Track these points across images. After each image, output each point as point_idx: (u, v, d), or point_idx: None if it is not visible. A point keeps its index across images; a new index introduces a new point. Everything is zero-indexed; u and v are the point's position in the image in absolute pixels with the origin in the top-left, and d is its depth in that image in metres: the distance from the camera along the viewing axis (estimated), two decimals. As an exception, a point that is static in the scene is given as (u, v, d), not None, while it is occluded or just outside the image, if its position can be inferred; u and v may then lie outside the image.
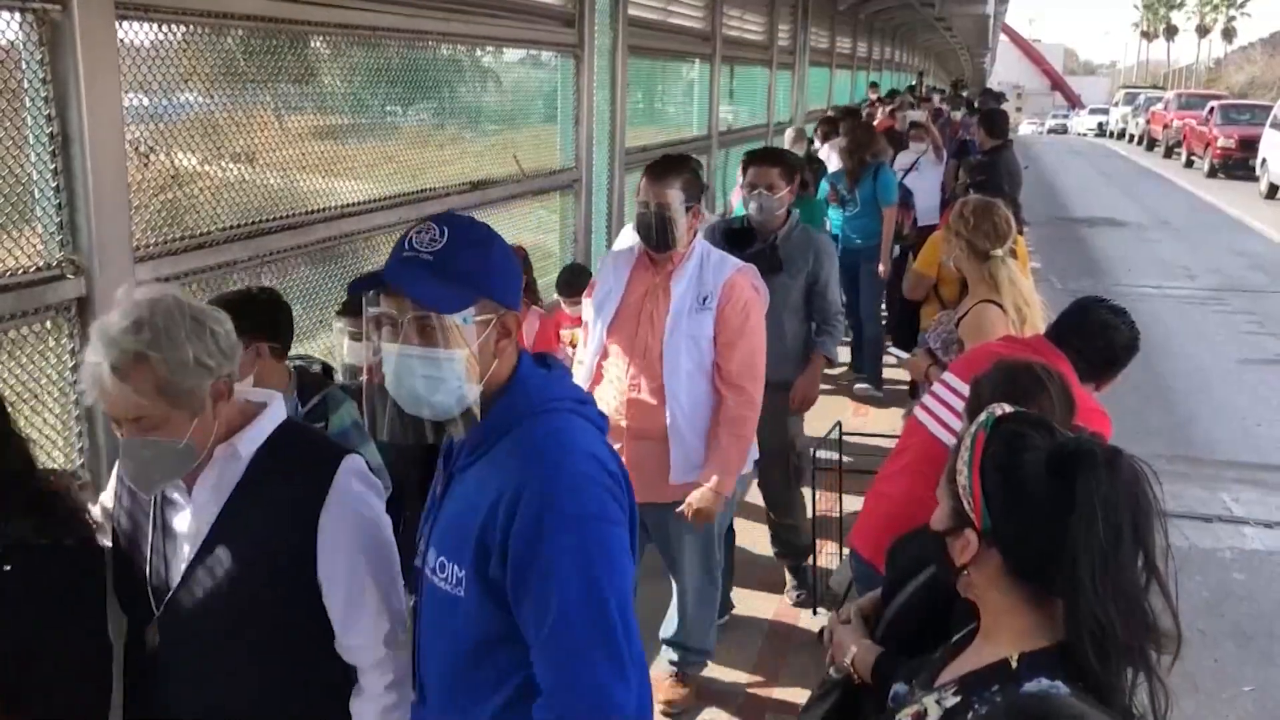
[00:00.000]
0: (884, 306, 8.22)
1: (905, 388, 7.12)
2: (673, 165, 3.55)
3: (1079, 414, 2.47)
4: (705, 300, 3.50)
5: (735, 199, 6.83)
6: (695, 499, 3.48)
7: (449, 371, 1.72)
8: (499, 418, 1.78)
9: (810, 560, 4.69)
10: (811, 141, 9.87)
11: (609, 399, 3.60)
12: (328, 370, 3.24)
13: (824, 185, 7.81)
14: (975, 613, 1.61)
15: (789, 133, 9.58)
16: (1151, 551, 1.42)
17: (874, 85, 17.82)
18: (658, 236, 3.48)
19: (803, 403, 4.52)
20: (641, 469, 3.26)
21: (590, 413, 1.88)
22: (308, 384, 2.91)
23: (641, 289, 3.58)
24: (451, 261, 1.72)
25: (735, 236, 4.45)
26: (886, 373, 7.81)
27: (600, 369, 3.68)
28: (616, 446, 2.44)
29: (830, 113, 11.45)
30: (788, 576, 4.77)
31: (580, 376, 3.65)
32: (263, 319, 2.75)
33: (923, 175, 9.07)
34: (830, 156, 8.61)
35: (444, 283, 1.71)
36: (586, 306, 3.77)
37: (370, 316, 1.77)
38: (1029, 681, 1.43)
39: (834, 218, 7.71)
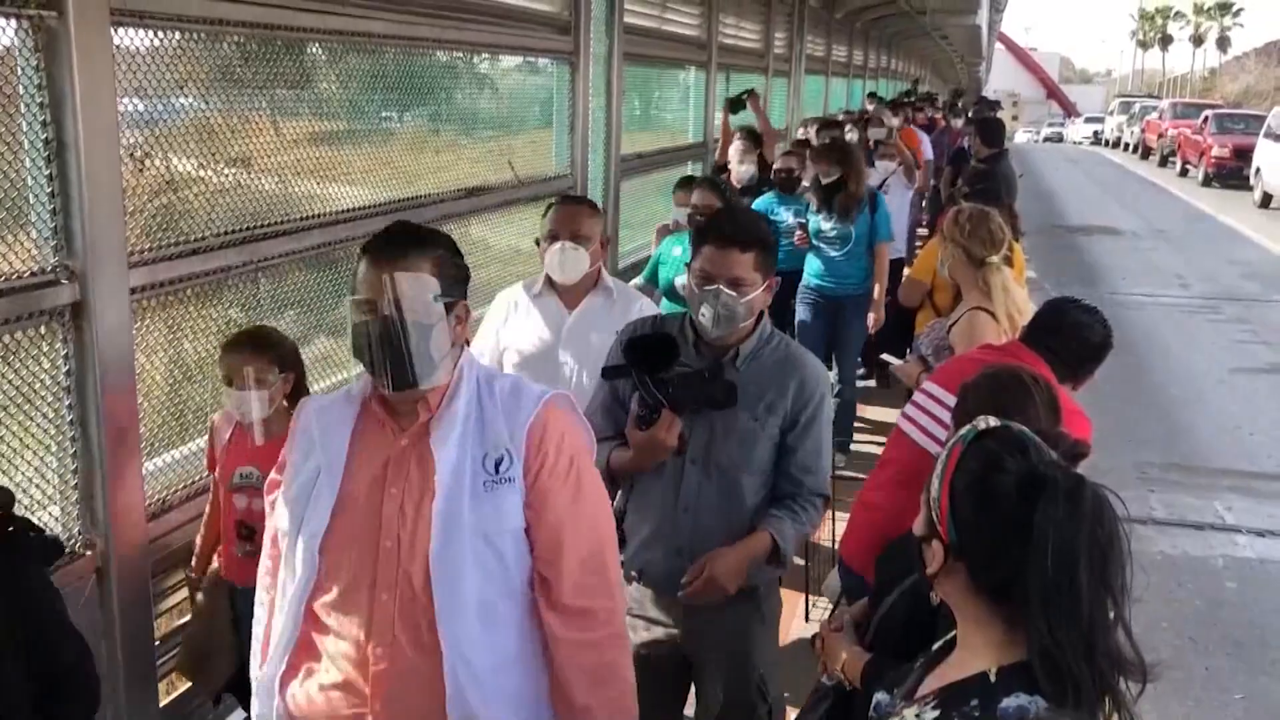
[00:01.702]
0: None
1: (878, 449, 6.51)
2: (414, 239, 2.03)
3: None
4: (499, 465, 2.02)
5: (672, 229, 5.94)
6: None
7: None
8: None
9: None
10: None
11: (329, 675, 2.04)
12: None
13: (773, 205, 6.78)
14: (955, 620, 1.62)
15: (737, 144, 7.38)
16: (1112, 583, 1.42)
17: (872, 95, 16.25)
18: (393, 363, 1.95)
19: (706, 590, 2.61)
20: None
21: None
22: None
23: (376, 460, 2.05)
24: None
25: (650, 347, 2.66)
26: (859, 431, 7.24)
27: (310, 621, 2.06)
28: None
29: (803, 134, 9.40)
30: None
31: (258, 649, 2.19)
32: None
33: (891, 199, 7.77)
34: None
35: None
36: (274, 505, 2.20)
37: None
38: (1007, 696, 1.43)
39: (808, 259, 6.57)
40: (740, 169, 7.17)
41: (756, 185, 7.14)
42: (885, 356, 4.36)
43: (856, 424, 7.08)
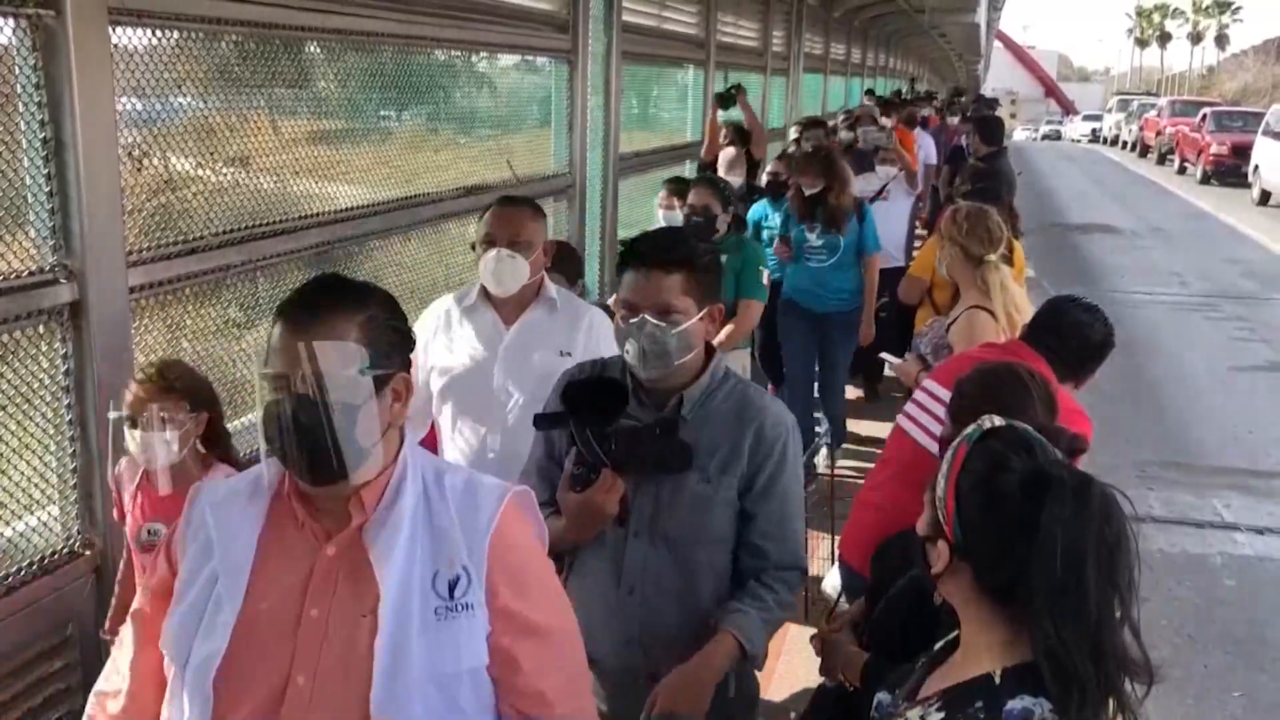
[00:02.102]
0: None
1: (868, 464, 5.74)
2: (338, 297, 1.64)
3: (1059, 416, 2.48)
4: (454, 588, 1.61)
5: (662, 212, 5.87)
6: None
7: None
8: None
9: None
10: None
11: None
12: None
13: (753, 220, 6.47)
14: (957, 618, 1.62)
15: (727, 151, 7.05)
16: (1120, 583, 1.42)
17: (870, 92, 15.92)
18: (311, 451, 1.56)
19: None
20: None
21: None
22: None
23: (292, 571, 1.63)
24: None
25: (592, 394, 2.25)
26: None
27: None
28: None
29: (795, 138, 8.51)
30: None
31: None
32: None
33: (892, 206, 7.73)
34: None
35: None
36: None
37: None
38: (1011, 699, 1.43)
39: (791, 272, 6.15)
40: (729, 177, 6.65)
41: (747, 191, 6.82)
42: (884, 355, 4.35)
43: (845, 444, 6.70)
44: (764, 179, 7.02)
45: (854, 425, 6.88)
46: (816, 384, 6.31)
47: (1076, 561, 1.40)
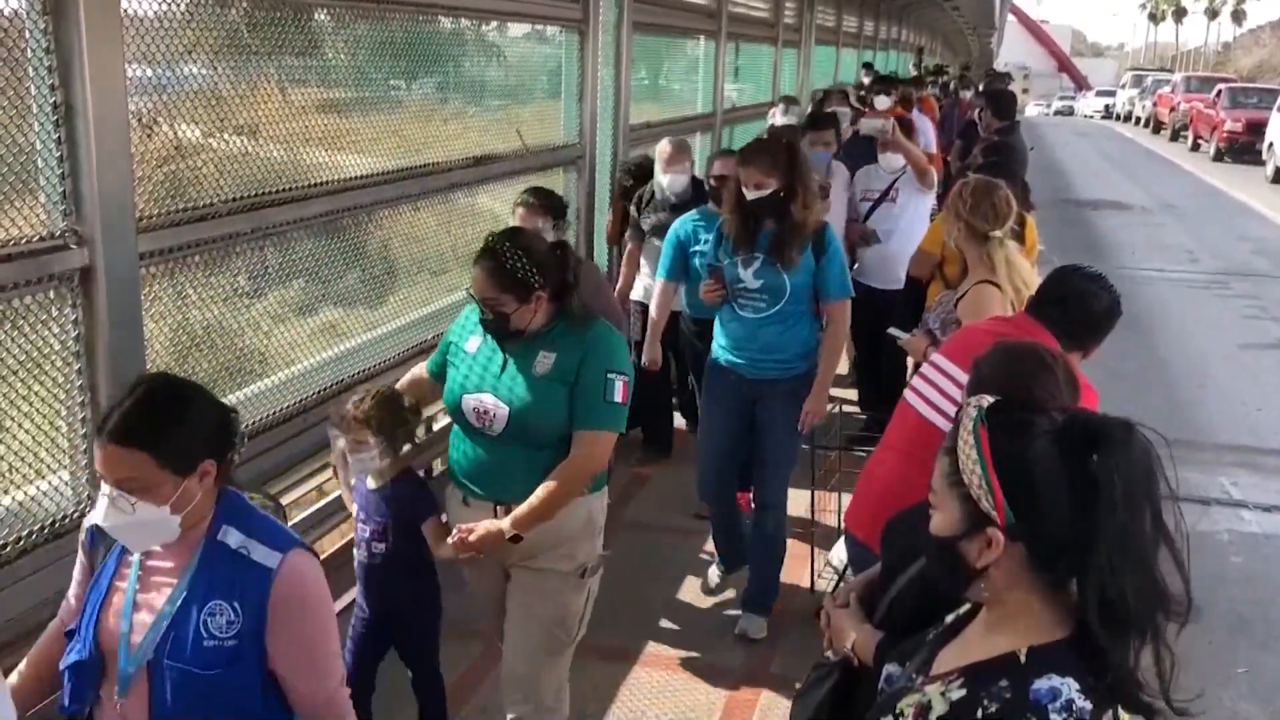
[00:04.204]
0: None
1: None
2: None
3: None
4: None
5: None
6: None
7: None
8: None
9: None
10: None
11: None
12: None
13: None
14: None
15: (663, 146, 5.64)
16: (1161, 517, 1.42)
17: (868, 66, 14.78)
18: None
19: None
20: None
21: None
22: None
23: None
24: None
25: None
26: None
27: None
28: None
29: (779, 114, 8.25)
30: None
31: None
32: None
33: (903, 208, 6.14)
34: None
35: None
36: None
37: None
38: (1039, 678, 1.41)
39: (721, 318, 4.28)
40: (666, 179, 5.52)
41: (694, 198, 5.36)
42: (892, 331, 4.33)
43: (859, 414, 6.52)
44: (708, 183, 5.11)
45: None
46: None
47: (1134, 503, 1.39)
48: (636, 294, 5.82)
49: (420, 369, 3.23)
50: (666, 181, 5.53)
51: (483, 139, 5.18)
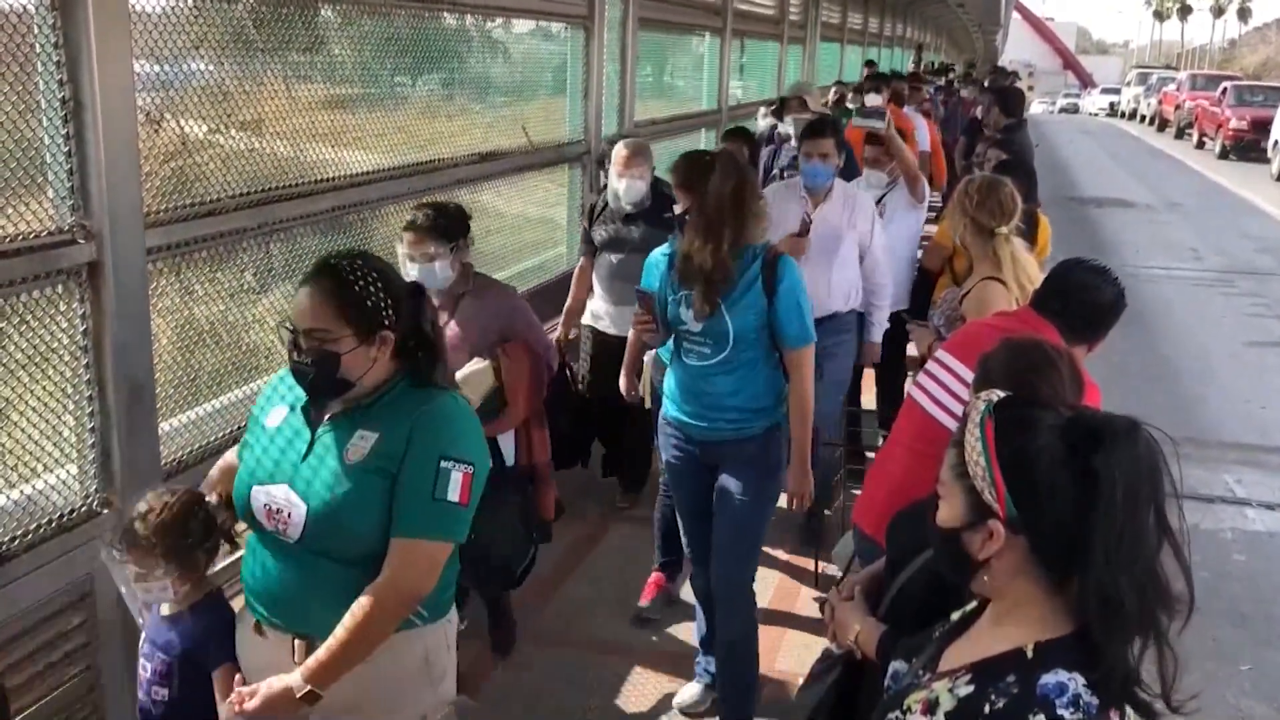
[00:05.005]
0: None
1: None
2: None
3: None
4: None
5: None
6: None
7: None
8: None
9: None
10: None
11: None
12: None
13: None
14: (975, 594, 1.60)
15: (619, 150, 4.97)
16: (1165, 516, 1.42)
17: (870, 63, 13.69)
18: None
19: None
20: None
21: None
22: None
23: None
24: None
25: None
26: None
27: None
28: None
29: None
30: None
31: None
32: None
33: (893, 229, 5.27)
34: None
35: None
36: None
37: None
38: (1046, 673, 1.41)
39: (669, 376, 3.56)
40: (621, 184, 4.88)
41: (654, 208, 4.81)
42: (908, 322, 4.32)
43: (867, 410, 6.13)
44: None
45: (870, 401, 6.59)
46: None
47: (1134, 502, 1.39)
48: (586, 317, 5.17)
49: (231, 454, 2.50)
50: (622, 188, 4.86)
51: (488, 135, 5.19)
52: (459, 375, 3.28)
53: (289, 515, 2.15)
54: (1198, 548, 5.55)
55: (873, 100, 7.65)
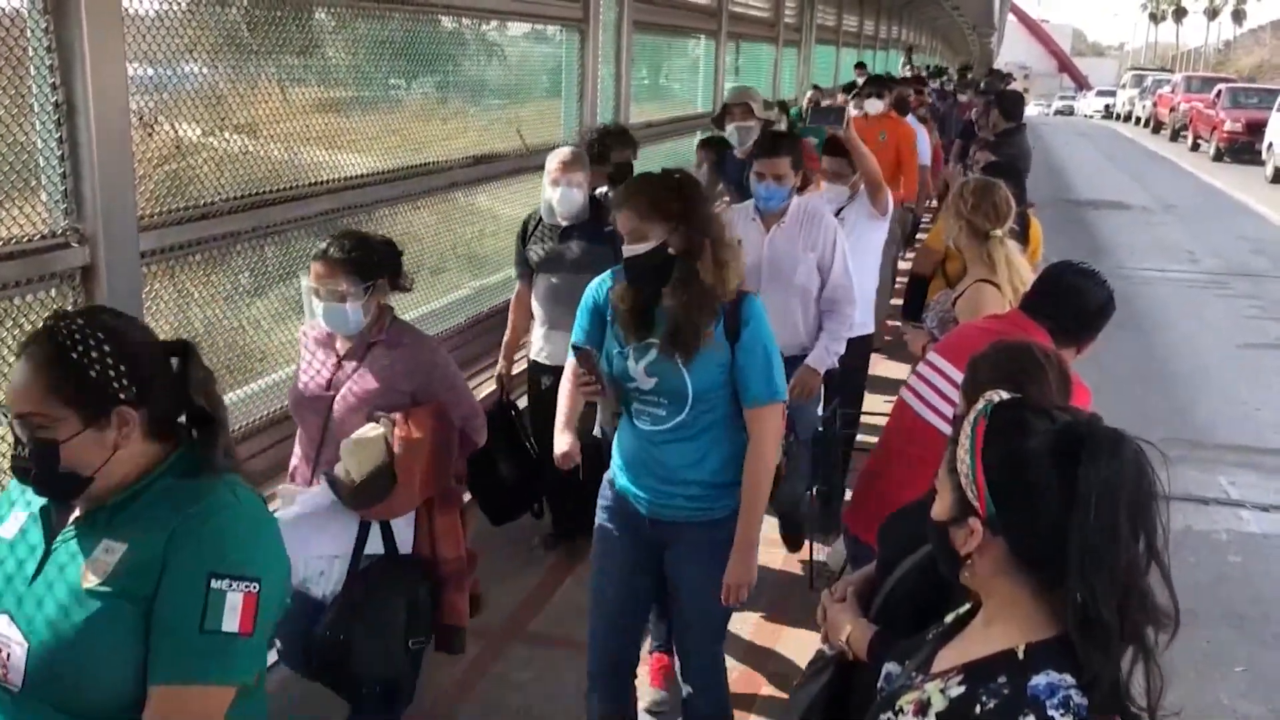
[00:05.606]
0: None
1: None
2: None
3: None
4: None
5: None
6: None
7: None
8: None
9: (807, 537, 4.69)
10: None
11: None
12: None
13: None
14: (969, 592, 1.61)
15: (558, 156, 4.44)
16: (1152, 535, 1.42)
17: (860, 65, 13.45)
18: None
19: None
20: None
21: None
22: None
23: None
24: None
25: None
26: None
27: None
28: None
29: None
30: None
31: None
32: None
33: (853, 239, 4.68)
34: None
35: None
36: None
37: None
38: (1036, 674, 1.42)
39: (618, 435, 3.01)
40: (556, 194, 4.36)
41: (592, 221, 4.40)
42: (901, 325, 4.33)
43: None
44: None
45: (870, 403, 6.44)
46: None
47: (1110, 515, 1.39)
48: (533, 351, 4.56)
49: None
50: (556, 197, 4.32)
51: (483, 138, 5.19)
52: (347, 441, 2.82)
53: (7, 656, 1.62)
54: (1193, 549, 5.57)
55: (874, 107, 7.26)
